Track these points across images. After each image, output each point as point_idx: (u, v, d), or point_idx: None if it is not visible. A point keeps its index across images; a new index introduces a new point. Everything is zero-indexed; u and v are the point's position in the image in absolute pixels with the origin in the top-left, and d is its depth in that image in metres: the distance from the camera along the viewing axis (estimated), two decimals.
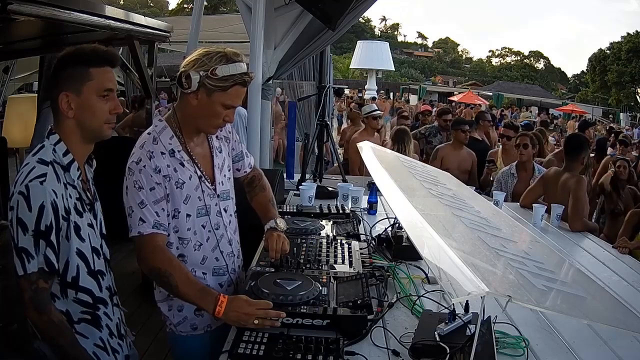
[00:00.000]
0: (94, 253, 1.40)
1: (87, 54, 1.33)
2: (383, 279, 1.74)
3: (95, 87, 1.32)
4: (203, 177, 1.58)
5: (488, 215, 1.73)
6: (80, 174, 1.39)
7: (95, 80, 1.32)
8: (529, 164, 3.72)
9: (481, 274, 1.01)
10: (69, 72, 1.32)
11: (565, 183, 3.04)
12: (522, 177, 3.69)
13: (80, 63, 1.32)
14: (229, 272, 1.68)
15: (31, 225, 1.23)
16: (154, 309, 1.67)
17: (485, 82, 41.99)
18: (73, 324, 1.38)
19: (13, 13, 2.16)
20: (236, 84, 1.46)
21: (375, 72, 25.24)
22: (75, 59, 1.33)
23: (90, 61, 1.33)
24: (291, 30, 3.54)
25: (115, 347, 1.47)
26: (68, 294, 1.36)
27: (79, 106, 1.33)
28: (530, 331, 1.52)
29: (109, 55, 1.37)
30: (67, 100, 1.32)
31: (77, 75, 1.32)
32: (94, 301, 1.40)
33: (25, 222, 1.23)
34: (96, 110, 1.34)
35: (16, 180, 1.27)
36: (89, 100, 1.33)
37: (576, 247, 2.65)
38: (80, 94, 1.32)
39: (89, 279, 1.39)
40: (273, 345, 1.31)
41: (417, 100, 21.20)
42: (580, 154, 3.08)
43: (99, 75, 1.33)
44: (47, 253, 1.25)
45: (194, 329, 1.62)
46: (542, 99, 28.63)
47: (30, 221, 1.23)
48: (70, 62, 1.33)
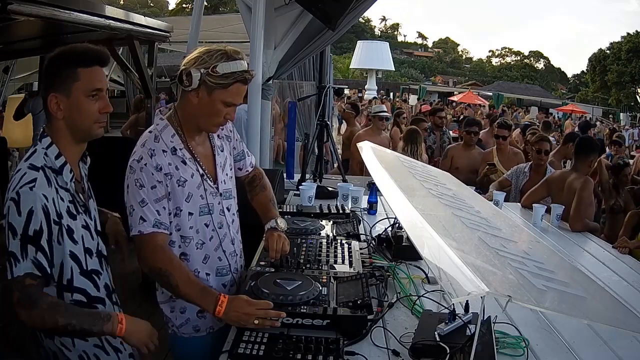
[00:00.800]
0: (86, 254, 1.40)
1: (75, 54, 1.33)
2: (383, 279, 1.74)
3: (83, 88, 1.32)
4: (205, 176, 1.58)
5: (488, 215, 1.73)
6: (74, 175, 1.39)
7: (83, 80, 1.32)
8: (543, 167, 3.72)
9: (481, 274, 1.01)
10: (57, 73, 1.32)
11: (571, 184, 3.04)
12: (533, 177, 3.68)
13: (69, 64, 1.32)
14: (232, 272, 1.68)
15: (19, 229, 1.23)
16: (154, 309, 1.67)
17: (485, 82, 41.97)
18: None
19: (13, 13, 2.17)
20: (237, 81, 1.46)
21: (375, 72, 25.28)
22: (63, 59, 1.33)
23: (79, 61, 1.32)
24: (291, 30, 3.53)
25: (117, 346, 1.47)
26: (64, 297, 1.36)
27: (68, 107, 1.32)
28: (530, 331, 1.52)
29: (98, 54, 1.36)
30: (56, 102, 1.32)
31: (65, 76, 1.31)
32: (88, 301, 1.40)
33: (15, 226, 1.23)
34: (85, 111, 1.34)
35: (9, 187, 1.27)
36: (77, 101, 1.32)
37: (576, 247, 2.64)
38: (69, 95, 1.31)
39: (82, 279, 1.39)
40: (273, 345, 1.31)
41: (417, 100, 21.18)
42: (589, 157, 3.09)
43: (87, 75, 1.32)
44: (38, 257, 1.24)
45: (197, 331, 1.62)
46: (542, 99, 28.60)
47: (19, 226, 1.23)
48: (59, 63, 1.32)
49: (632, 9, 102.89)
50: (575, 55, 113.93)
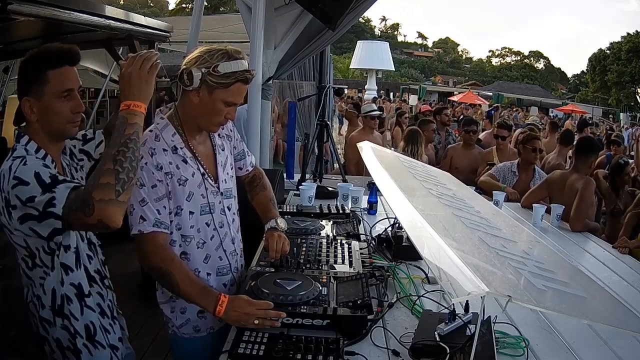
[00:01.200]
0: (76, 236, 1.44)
1: (44, 56, 1.33)
2: (383, 279, 1.74)
3: (54, 90, 1.33)
4: (206, 175, 1.58)
5: (488, 215, 1.73)
6: (56, 165, 1.40)
7: (53, 82, 1.32)
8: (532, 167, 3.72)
9: (481, 274, 1.01)
10: (28, 77, 1.33)
11: (573, 184, 3.05)
12: (522, 177, 3.69)
13: (38, 67, 1.32)
14: (232, 272, 1.68)
15: (36, 190, 1.21)
16: (154, 309, 1.67)
17: (485, 82, 42.00)
18: (84, 297, 1.42)
19: (13, 13, 2.17)
20: (238, 80, 1.46)
21: (375, 72, 25.25)
22: (33, 62, 1.33)
23: (47, 64, 1.32)
24: (291, 30, 3.53)
25: (106, 327, 1.51)
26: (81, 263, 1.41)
27: (41, 110, 1.33)
28: (530, 331, 1.52)
29: (67, 54, 1.36)
30: (29, 105, 1.33)
31: (35, 80, 1.32)
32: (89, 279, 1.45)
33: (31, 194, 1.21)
34: (57, 112, 1.34)
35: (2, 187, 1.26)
36: (49, 103, 1.33)
37: (576, 247, 2.64)
38: (40, 98, 1.32)
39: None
40: (273, 345, 1.31)
41: (417, 100, 21.17)
42: (590, 157, 3.12)
43: (57, 77, 1.33)
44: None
45: (197, 331, 1.62)
46: (542, 99, 28.61)
47: (34, 189, 1.21)
48: (29, 67, 1.33)
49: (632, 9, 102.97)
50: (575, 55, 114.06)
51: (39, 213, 1.21)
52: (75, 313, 1.41)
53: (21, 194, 1.22)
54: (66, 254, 1.38)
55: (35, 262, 1.37)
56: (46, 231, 1.25)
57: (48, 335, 1.42)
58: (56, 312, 1.39)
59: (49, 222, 1.22)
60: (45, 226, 1.23)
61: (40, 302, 1.40)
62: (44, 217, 1.21)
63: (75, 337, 1.41)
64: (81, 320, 1.42)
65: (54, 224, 1.22)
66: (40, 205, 1.20)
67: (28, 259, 1.37)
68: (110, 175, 1.16)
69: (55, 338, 1.41)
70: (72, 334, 1.41)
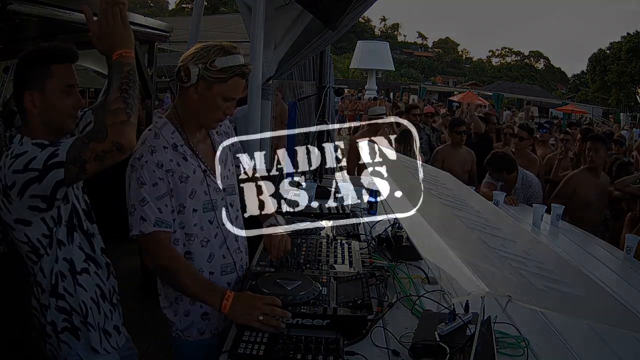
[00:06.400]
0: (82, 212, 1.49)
1: (46, 52, 1.36)
2: (383, 279, 1.74)
3: (57, 83, 1.36)
4: (208, 171, 1.57)
5: (488, 215, 1.73)
6: None
7: (57, 76, 1.36)
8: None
9: (481, 274, 1.01)
10: (31, 71, 1.35)
11: None
12: None
13: (41, 61, 1.35)
14: (237, 270, 1.67)
15: (36, 152, 1.24)
16: (154, 309, 1.67)
17: (485, 82, 42.04)
18: (76, 274, 1.43)
19: (13, 13, 2.16)
20: (235, 75, 1.46)
21: (375, 72, 25.26)
22: (36, 57, 1.36)
23: (51, 58, 1.36)
24: (291, 30, 3.53)
25: (106, 312, 1.53)
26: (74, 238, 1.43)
27: (43, 103, 1.36)
28: (530, 331, 1.52)
29: (68, 51, 1.40)
30: (31, 99, 1.34)
31: (38, 73, 1.34)
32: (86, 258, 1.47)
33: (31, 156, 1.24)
34: (59, 106, 1.37)
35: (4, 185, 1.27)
36: (52, 97, 1.36)
37: (576, 247, 2.64)
38: (43, 91, 1.35)
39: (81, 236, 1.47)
40: (273, 345, 1.31)
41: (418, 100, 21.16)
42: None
43: (60, 71, 1.36)
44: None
45: (201, 334, 1.61)
46: (542, 99, 28.61)
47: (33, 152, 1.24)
48: (32, 61, 1.36)
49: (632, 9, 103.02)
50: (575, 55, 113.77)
51: (39, 172, 1.23)
52: (69, 289, 1.42)
53: (20, 164, 1.24)
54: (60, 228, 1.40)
55: (39, 253, 1.38)
56: (47, 189, 1.26)
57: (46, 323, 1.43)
58: (51, 292, 1.41)
59: (51, 175, 1.23)
60: (46, 184, 1.25)
61: (41, 287, 1.41)
62: (45, 172, 1.23)
63: (71, 314, 1.43)
64: (76, 297, 1.43)
65: (55, 176, 1.23)
66: (41, 162, 1.23)
67: (32, 254, 1.38)
68: (119, 102, 1.25)
69: (50, 321, 1.42)
70: (68, 312, 1.42)
